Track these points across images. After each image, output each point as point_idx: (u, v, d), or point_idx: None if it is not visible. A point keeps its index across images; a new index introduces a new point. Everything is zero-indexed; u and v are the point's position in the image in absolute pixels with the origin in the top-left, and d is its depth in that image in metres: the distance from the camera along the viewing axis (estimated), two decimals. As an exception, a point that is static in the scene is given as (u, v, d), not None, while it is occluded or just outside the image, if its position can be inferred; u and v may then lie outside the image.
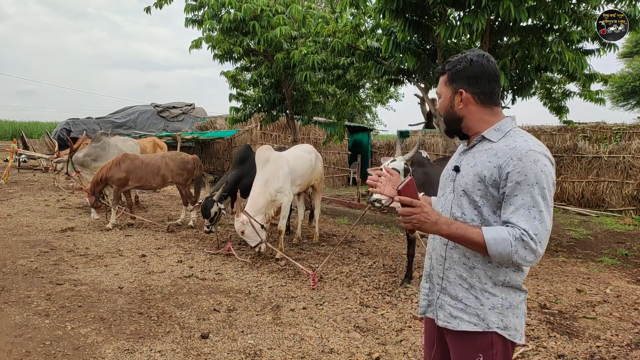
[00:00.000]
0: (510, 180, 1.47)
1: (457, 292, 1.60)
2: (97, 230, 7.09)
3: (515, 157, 1.48)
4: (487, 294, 1.56)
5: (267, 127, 14.11)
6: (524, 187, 1.45)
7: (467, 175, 1.59)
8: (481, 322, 1.56)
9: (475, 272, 1.57)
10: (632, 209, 10.15)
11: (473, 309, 1.57)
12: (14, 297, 4.15)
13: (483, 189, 1.54)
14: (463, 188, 1.59)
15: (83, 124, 19.02)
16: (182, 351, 3.25)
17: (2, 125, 32.50)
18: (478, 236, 1.45)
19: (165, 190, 11.86)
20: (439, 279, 1.66)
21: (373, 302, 4.33)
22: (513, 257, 1.42)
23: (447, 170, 1.74)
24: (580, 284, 5.04)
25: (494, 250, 1.43)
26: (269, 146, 6.11)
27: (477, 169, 1.56)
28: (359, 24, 7.09)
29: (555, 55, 5.36)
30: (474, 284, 1.57)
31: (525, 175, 1.45)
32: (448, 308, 1.62)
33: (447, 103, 1.68)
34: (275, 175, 5.61)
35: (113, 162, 7.34)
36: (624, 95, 20.56)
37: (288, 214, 5.87)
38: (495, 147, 1.56)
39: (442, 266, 1.65)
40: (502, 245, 1.42)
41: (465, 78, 1.63)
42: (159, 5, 7.95)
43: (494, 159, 1.53)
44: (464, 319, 1.58)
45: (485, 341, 1.56)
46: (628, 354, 3.35)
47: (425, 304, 1.73)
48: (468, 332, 1.57)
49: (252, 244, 5.43)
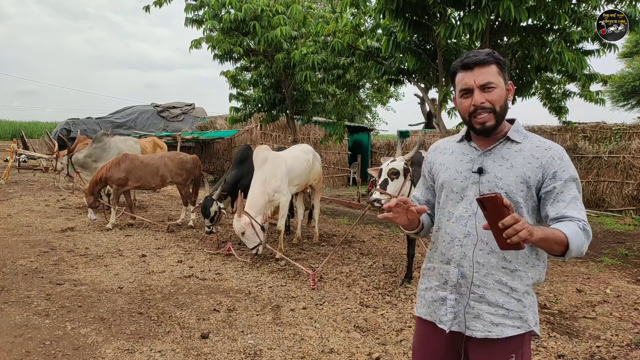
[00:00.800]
0: (559, 178, 1.51)
1: (497, 298, 1.53)
2: (97, 230, 7.09)
3: (557, 157, 1.53)
4: (526, 294, 1.55)
5: (267, 127, 14.12)
6: (569, 184, 1.51)
7: (506, 177, 1.54)
8: (524, 323, 1.54)
9: (518, 275, 1.54)
10: (632, 209, 10.15)
11: (516, 313, 1.54)
12: (14, 297, 4.15)
13: (525, 191, 1.53)
14: (505, 190, 1.52)
15: (83, 124, 19.02)
16: (182, 351, 3.25)
17: (2, 125, 32.50)
18: (561, 234, 1.39)
19: (165, 190, 11.86)
20: (475, 287, 1.55)
21: (373, 302, 4.33)
22: (583, 248, 1.44)
23: (459, 173, 1.63)
24: (580, 284, 5.04)
25: (574, 245, 1.40)
26: (266, 146, 6.10)
27: (519, 171, 1.53)
28: (359, 24, 7.09)
29: (555, 55, 5.35)
30: (516, 287, 1.54)
31: (570, 173, 1.52)
32: (488, 317, 1.53)
33: (505, 93, 1.56)
34: (273, 175, 5.61)
35: (113, 162, 7.34)
36: (624, 95, 20.56)
37: (287, 213, 5.86)
38: (526, 148, 1.56)
39: (479, 273, 1.55)
40: (578, 237, 1.42)
41: (507, 71, 1.59)
42: (159, 4, 7.94)
43: (532, 160, 1.54)
44: (507, 324, 1.53)
45: (521, 341, 1.56)
46: (628, 354, 3.35)
47: (452, 317, 1.59)
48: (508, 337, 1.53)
49: (251, 245, 5.41)
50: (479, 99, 1.53)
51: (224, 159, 16.88)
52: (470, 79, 1.54)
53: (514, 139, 1.58)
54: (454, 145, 1.72)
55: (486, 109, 1.53)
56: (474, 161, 1.61)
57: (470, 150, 1.65)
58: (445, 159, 1.71)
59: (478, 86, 1.53)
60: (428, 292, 1.70)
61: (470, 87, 1.54)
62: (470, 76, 1.54)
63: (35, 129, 29.42)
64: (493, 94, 1.53)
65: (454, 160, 1.67)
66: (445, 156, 1.72)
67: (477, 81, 1.53)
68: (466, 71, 1.56)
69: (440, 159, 1.73)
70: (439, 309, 1.63)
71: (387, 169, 4.21)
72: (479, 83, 1.53)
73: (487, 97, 1.53)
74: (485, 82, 1.53)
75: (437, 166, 1.73)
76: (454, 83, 1.63)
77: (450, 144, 1.75)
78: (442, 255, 1.64)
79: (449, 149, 1.73)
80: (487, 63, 1.53)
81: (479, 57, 1.53)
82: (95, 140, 8.76)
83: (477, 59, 1.53)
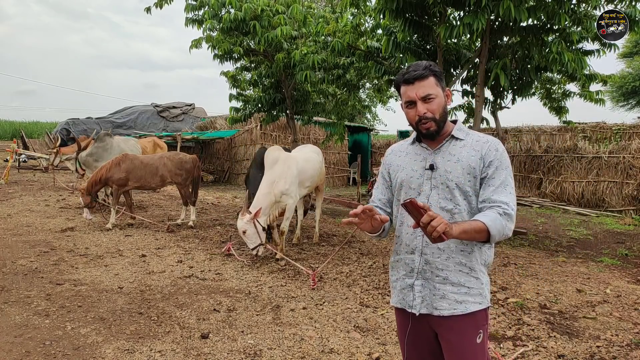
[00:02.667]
0: (492, 166, 1.72)
1: (460, 278, 1.72)
2: (97, 230, 7.09)
3: (493, 148, 1.74)
4: (482, 273, 1.76)
5: (267, 127, 14.11)
6: (500, 171, 1.72)
7: (454, 170, 1.74)
8: (484, 299, 1.75)
9: (473, 256, 1.74)
10: (632, 209, 10.16)
11: (476, 290, 1.74)
12: (14, 297, 4.15)
13: (473, 180, 1.73)
14: (455, 182, 1.73)
15: (83, 124, 19.04)
16: (182, 351, 3.25)
17: (2, 125, 32.48)
18: (480, 224, 1.58)
19: (165, 190, 11.87)
20: (438, 270, 1.74)
21: (373, 302, 4.33)
22: (505, 230, 1.63)
23: (414, 171, 1.82)
24: (580, 284, 5.04)
25: (495, 230, 1.59)
26: (278, 147, 5.97)
27: (465, 163, 1.73)
28: (359, 24, 7.09)
29: (555, 55, 5.36)
30: (474, 266, 1.74)
31: (501, 161, 1.73)
32: (452, 295, 1.72)
33: (444, 100, 1.77)
34: (283, 177, 5.52)
35: (113, 163, 7.34)
36: (624, 95, 20.57)
37: (292, 215, 5.78)
38: (468, 144, 1.77)
39: (441, 258, 1.74)
40: (497, 223, 1.60)
41: (443, 80, 1.79)
42: (159, 5, 7.94)
43: (474, 152, 1.75)
44: (470, 300, 1.72)
45: (483, 316, 1.77)
46: (628, 354, 3.35)
47: (420, 301, 1.77)
48: (472, 312, 1.71)
49: (251, 245, 5.35)
50: (421, 109, 1.73)
51: (224, 159, 16.88)
52: (413, 92, 1.74)
53: (457, 136, 1.79)
54: (408, 147, 1.91)
55: (428, 118, 1.73)
56: (426, 159, 1.81)
57: (422, 150, 1.85)
58: (401, 160, 1.90)
59: (419, 98, 1.73)
60: (398, 282, 1.87)
61: (413, 99, 1.74)
62: (412, 89, 1.74)
63: (35, 129, 29.40)
64: (433, 104, 1.73)
65: (409, 161, 1.87)
66: (400, 158, 1.92)
67: (418, 94, 1.73)
68: (408, 85, 1.75)
69: (397, 160, 1.92)
70: (407, 295, 1.81)
71: None
72: (420, 95, 1.73)
73: (428, 107, 1.73)
74: (425, 94, 1.72)
75: (395, 167, 1.91)
76: (400, 94, 1.82)
77: (404, 146, 1.95)
78: (406, 246, 1.83)
79: (403, 151, 1.92)
80: (425, 77, 1.72)
81: (417, 72, 1.73)
82: (97, 140, 8.78)
83: (417, 74, 1.72)
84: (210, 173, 16.96)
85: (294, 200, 5.65)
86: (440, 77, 1.77)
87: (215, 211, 9.28)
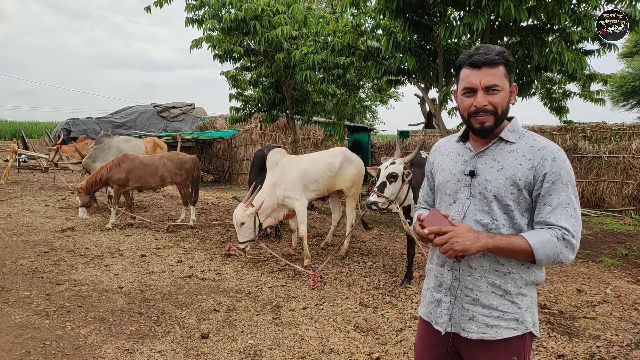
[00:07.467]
0: (547, 180, 1.45)
1: (492, 301, 1.53)
2: (97, 230, 7.09)
3: (549, 158, 1.46)
4: (521, 296, 1.53)
5: (267, 127, 14.12)
6: (559, 187, 1.45)
7: (495, 180, 1.50)
8: (520, 325, 1.53)
9: (511, 277, 1.52)
10: (632, 209, 10.15)
11: (511, 314, 1.52)
12: (14, 297, 4.15)
13: (516, 193, 1.49)
14: (494, 193, 1.50)
15: (83, 124, 19.04)
16: (182, 351, 3.25)
17: (2, 125, 32.48)
18: (524, 243, 1.42)
19: (165, 190, 11.86)
20: (468, 290, 1.55)
21: (373, 302, 4.33)
22: (559, 257, 1.43)
23: (452, 175, 1.61)
24: (580, 284, 5.04)
25: (541, 254, 1.41)
26: (281, 149, 5.91)
27: (509, 173, 1.49)
28: (359, 24, 7.09)
29: (555, 55, 5.35)
30: (510, 289, 1.52)
31: (560, 174, 1.45)
32: (482, 319, 1.53)
33: (509, 96, 1.52)
34: (283, 180, 5.48)
35: (113, 163, 7.34)
36: (624, 95, 20.55)
37: (305, 219, 5.62)
38: (519, 149, 1.51)
39: (472, 277, 1.55)
40: (549, 247, 1.41)
41: (514, 72, 1.54)
42: (159, 5, 7.94)
43: (524, 161, 1.48)
44: (503, 326, 1.52)
45: (521, 343, 1.55)
46: (628, 354, 3.35)
47: (447, 319, 1.59)
48: (505, 339, 1.52)
49: (242, 239, 5.17)
50: (481, 101, 1.48)
51: (224, 159, 16.88)
52: (476, 78, 1.48)
53: (507, 139, 1.53)
54: (452, 145, 1.69)
55: (488, 111, 1.49)
56: (467, 163, 1.59)
57: (465, 151, 1.62)
58: (442, 159, 1.69)
59: (483, 87, 1.47)
60: (427, 293, 1.70)
61: (475, 87, 1.49)
62: (477, 75, 1.48)
63: (35, 129, 29.40)
64: (497, 97, 1.48)
65: (449, 162, 1.65)
66: (442, 157, 1.70)
67: (482, 82, 1.47)
68: (473, 69, 1.49)
69: (439, 159, 1.71)
70: (435, 311, 1.63)
71: (385, 172, 4.17)
72: (484, 84, 1.47)
73: (491, 99, 1.48)
74: (491, 84, 1.47)
75: (436, 167, 1.72)
76: (458, 77, 1.56)
77: (449, 143, 1.72)
78: (437, 257, 1.65)
79: (447, 149, 1.71)
80: (495, 64, 1.47)
81: (489, 57, 1.46)
82: (96, 142, 8.79)
83: (487, 58, 1.46)
84: (210, 173, 16.95)
85: (300, 202, 5.52)
86: (511, 69, 1.50)
87: (215, 211, 9.28)
